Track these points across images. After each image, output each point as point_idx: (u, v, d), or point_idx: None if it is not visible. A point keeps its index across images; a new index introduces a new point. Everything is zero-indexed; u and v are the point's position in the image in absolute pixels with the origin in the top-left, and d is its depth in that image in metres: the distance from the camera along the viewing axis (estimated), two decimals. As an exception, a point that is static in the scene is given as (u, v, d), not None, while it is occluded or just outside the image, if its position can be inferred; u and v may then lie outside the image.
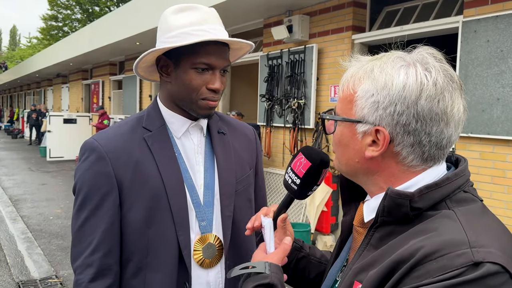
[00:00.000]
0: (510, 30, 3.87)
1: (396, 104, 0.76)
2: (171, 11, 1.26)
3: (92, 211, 1.21)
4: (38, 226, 6.46)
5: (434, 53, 0.81)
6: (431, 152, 0.79)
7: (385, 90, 0.77)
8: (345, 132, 0.85)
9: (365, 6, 5.74)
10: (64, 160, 13.90)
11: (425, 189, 0.76)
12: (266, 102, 6.67)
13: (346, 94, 0.85)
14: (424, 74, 0.77)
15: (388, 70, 0.78)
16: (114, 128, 1.31)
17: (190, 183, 1.29)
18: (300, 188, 1.02)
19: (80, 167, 1.24)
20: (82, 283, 1.18)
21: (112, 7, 29.28)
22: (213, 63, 1.22)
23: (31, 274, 4.69)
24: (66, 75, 19.02)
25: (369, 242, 0.80)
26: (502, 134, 3.92)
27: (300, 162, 1.01)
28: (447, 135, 0.78)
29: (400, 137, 0.78)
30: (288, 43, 6.35)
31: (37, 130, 18.81)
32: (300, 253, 1.15)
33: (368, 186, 0.87)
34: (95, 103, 14.88)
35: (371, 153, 0.81)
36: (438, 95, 0.76)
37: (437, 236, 0.69)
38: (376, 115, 0.78)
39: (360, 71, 0.83)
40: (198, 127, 1.35)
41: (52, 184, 9.77)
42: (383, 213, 0.78)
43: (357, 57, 0.87)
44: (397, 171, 0.81)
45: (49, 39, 33.22)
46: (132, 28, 9.17)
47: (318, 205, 5.41)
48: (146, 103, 11.48)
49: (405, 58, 0.80)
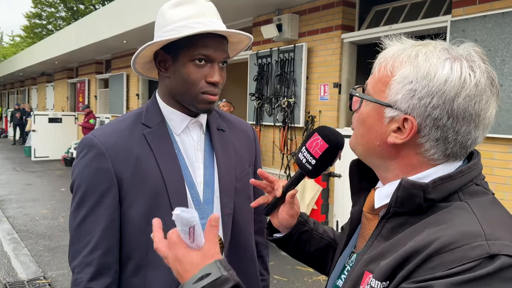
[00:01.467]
0: (497, 30, 3.93)
1: (433, 97, 0.74)
2: (168, 6, 1.24)
3: (91, 208, 1.18)
4: (25, 226, 6.35)
5: (481, 52, 0.79)
6: (454, 149, 0.78)
7: (425, 80, 0.75)
8: (372, 113, 0.82)
9: (354, 5, 5.78)
10: (49, 160, 13.69)
11: (439, 180, 0.75)
12: (255, 101, 6.67)
13: (382, 75, 0.81)
14: (469, 72, 0.75)
15: (434, 60, 0.75)
16: (112, 124, 1.28)
17: (190, 180, 1.27)
18: (315, 168, 1.02)
19: (78, 164, 1.21)
20: (81, 282, 1.16)
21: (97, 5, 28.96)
22: (211, 55, 1.20)
23: (19, 275, 4.61)
24: (51, 73, 18.75)
25: (380, 233, 0.80)
26: (489, 132, 3.97)
27: (316, 143, 1.01)
28: (473, 136, 0.78)
29: (428, 130, 0.76)
30: (278, 42, 6.36)
31: (21, 130, 18.51)
32: (304, 227, 1.15)
33: (381, 172, 0.86)
34: (81, 102, 14.70)
35: (394, 139, 0.79)
36: (477, 96, 0.74)
37: (453, 227, 0.69)
38: (409, 103, 0.76)
39: (403, 54, 0.80)
40: (198, 123, 1.33)
41: (37, 184, 9.62)
42: (396, 203, 0.77)
43: (401, 38, 0.84)
44: (415, 161, 0.80)
45: (33, 37, 32.70)
46: (119, 26, 9.08)
47: (309, 203, 5.43)
48: (133, 102, 11.38)
49: (450, 50, 0.77)
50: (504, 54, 3.89)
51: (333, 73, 5.69)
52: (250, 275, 1.39)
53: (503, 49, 3.89)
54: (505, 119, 3.88)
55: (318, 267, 1.21)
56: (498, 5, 3.96)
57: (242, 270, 1.35)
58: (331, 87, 5.71)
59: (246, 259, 1.38)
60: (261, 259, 1.54)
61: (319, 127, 1.05)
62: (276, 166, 6.48)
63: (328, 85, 5.74)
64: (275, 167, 6.51)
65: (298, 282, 4.49)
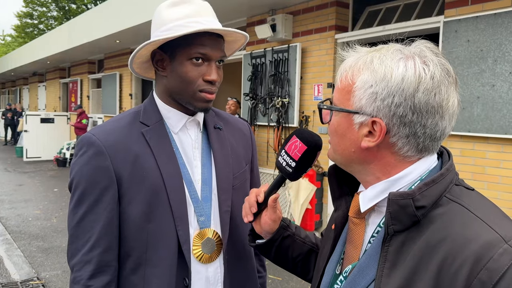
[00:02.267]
0: (489, 30, 3.97)
1: (394, 96, 0.77)
2: (165, 6, 1.25)
3: (91, 206, 1.18)
4: (17, 227, 6.30)
5: (432, 47, 0.82)
6: (425, 143, 0.81)
7: (384, 81, 0.78)
8: (342, 122, 0.85)
9: (348, 6, 5.81)
10: (42, 160, 13.60)
11: (424, 186, 0.77)
12: (249, 101, 6.68)
13: (344, 84, 0.85)
14: (422, 67, 0.78)
15: (388, 62, 0.79)
16: (111, 122, 1.29)
17: (188, 178, 1.28)
18: (295, 170, 1.04)
19: (77, 162, 1.22)
20: (81, 280, 1.16)
21: (89, 4, 28.79)
22: (208, 53, 1.21)
23: (12, 276, 4.58)
24: (43, 73, 18.61)
25: (386, 259, 0.79)
26: (482, 131, 4.03)
27: (295, 146, 1.03)
28: (441, 127, 0.80)
29: (396, 128, 0.79)
30: (272, 42, 6.37)
31: (13, 130, 18.36)
32: (286, 231, 1.16)
33: (363, 176, 0.88)
34: (73, 102, 14.60)
35: (367, 143, 0.82)
36: (435, 88, 0.77)
37: (471, 242, 0.70)
38: (373, 106, 0.79)
39: (359, 62, 0.83)
40: (195, 122, 1.34)
41: (29, 185, 9.55)
42: (391, 221, 0.78)
43: (356, 48, 0.88)
44: (392, 160, 0.83)
45: (24, 37, 32.44)
46: (112, 26, 9.04)
47: (303, 203, 5.45)
48: (127, 102, 11.34)
49: (403, 50, 0.81)
50: (496, 54, 3.93)
51: (327, 73, 5.72)
52: (249, 271, 1.40)
53: (495, 49, 3.94)
54: (497, 119, 3.92)
55: (301, 273, 1.21)
56: (490, 6, 4.01)
57: (241, 267, 1.37)
58: (325, 87, 5.73)
59: (245, 255, 1.39)
60: (258, 257, 1.55)
61: (297, 129, 1.07)
62: (271, 166, 6.49)
63: (322, 85, 5.76)
64: (269, 167, 6.53)
65: (293, 282, 4.50)
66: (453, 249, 0.71)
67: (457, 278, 0.69)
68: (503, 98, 3.89)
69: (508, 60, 3.86)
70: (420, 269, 0.74)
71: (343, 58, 0.88)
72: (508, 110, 3.86)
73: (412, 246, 0.76)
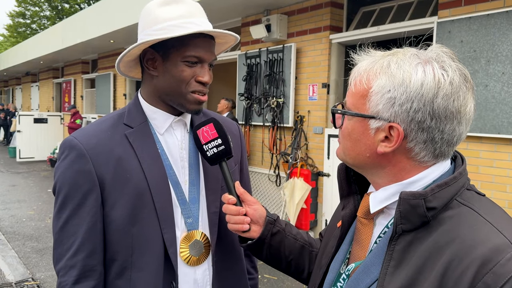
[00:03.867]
0: (482, 31, 4.01)
1: (413, 101, 0.77)
2: (157, 4, 1.23)
3: (74, 210, 1.17)
4: (11, 228, 6.27)
5: (448, 51, 0.81)
6: (442, 148, 0.80)
7: (402, 86, 0.77)
8: (357, 127, 0.84)
9: (342, 6, 5.83)
10: (35, 160, 13.51)
11: (437, 188, 0.77)
12: (244, 101, 6.68)
13: (359, 89, 0.84)
14: (441, 72, 0.77)
15: (406, 67, 0.78)
16: (93, 125, 1.27)
17: (174, 180, 1.26)
18: (225, 143, 1.21)
19: (60, 166, 1.20)
20: (66, 285, 1.15)
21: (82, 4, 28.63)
22: (202, 56, 1.21)
23: (6, 277, 4.55)
24: (36, 73, 18.48)
25: (391, 257, 0.79)
26: (475, 131, 4.07)
27: (206, 132, 1.23)
28: (458, 132, 0.80)
29: (414, 134, 0.79)
30: (267, 42, 6.38)
31: (5, 130, 18.22)
32: (275, 227, 1.15)
33: (374, 178, 0.88)
34: (67, 102, 14.51)
35: (384, 149, 0.81)
36: (454, 94, 0.77)
37: (480, 245, 0.70)
38: (391, 111, 0.79)
39: (375, 65, 0.82)
40: (182, 122, 1.32)
41: (23, 186, 9.49)
42: (401, 220, 0.77)
43: (369, 51, 0.87)
44: (407, 165, 0.82)
45: (17, 37, 32.19)
46: (106, 26, 9.00)
47: (298, 202, 5.47)
48: (121, 102, 11.29)
49: (420, 55, 0.80)
50: (489, 55, 3.97)
51: (321, 73, 5.74)
52: (237, 273, 1.38)
53: (488, 50, 3.98)
54: (491, 119, 3.96)
55: (295, 272, 1.20)
56: (483, 7, 4.05)
57: (229, 268, 1.34)
58: (319, 87, 5.75)
59: (234, 257, 1.37)
60: (249, 258, 1.54)
61: (194, 128, 1.26)
62: (266, 166, 6.51)
63: (317, 85, 5.79)
64: (264, 166, 6.54)
65: (288, 281, 4.51)
66: (460, 251, 0.71)
67: (462, 279, 0.69)
68: (496, 98, 3.93)
69: (501, 60, 3.90)
70: (425, 268, 0.74)
71: (355, 62, 0.87)
72: (501, 110, 3.90)
73: (419, 247, 0.76)
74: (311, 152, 5.89)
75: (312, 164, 5.81)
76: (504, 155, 3.97)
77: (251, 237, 1.15)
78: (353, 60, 0.89)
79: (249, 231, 1.15)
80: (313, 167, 5.79)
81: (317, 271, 1.03)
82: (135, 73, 1.39)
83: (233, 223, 1.15)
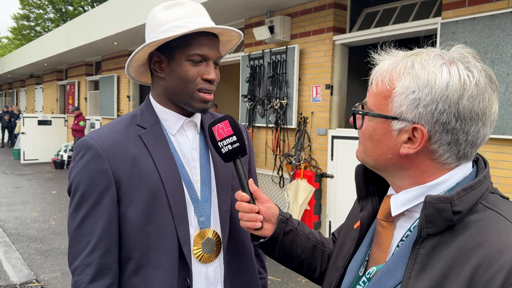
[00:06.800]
0: (486, 32, 4.00)
1: (438, 103, 0.75)
2: (160, 8, 1.27)
3: (90, 209, 1.19)
4: (16, 230, 6.29)
5: (472, 52, 0.80)
6: (466, 150, 0.79)
7: (427, 87, 0.76)
8: (378, 128, 0.83)
9: (345, 7, 5.83)
10: (39, 162, 13.56)
11: (462, 191, 0.76)
12: (248, 103, 6.69)
13: (381, 89, 0.82)
14: (467, 73, 0.76)
15: (430, 68, 0.77)
16: (107, 126, 1.30)
17: (187, 179, 1.29)
18: (240, 140, 1.18)
19: (76, 166, 1.22)
20: (82, 283, 1.16)
21: (86, 6, 28.74)
22: (206, 54, 1.23)
23: (11, 278, 4.57)
24: (40, 75, 18.56)
25: (415, 261, 0.78)
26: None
27: (221, 128, 1.20)
28: (482, 134, 0.79)
29: (438, 136, 0.77)
30: (270, 44, 6.38)
31: (10, 132, 18.30)
32: (287, 226, 1.14)
33: (396, 180, 0.86)
34: (71, 104, 14.57)
35: (407, 150, 0.80)
36: (480, 95, 0.76)
37: (507, 250, 0.69)
38: (415, 112, 0.77)
39: (398, 66, 0.81)
40: (192, 123, 1.35)
41: (27, 187, 9.52)
42: (426, 223, 0.76)
43: (390, 51, 0.85)
44: (430, 167, 0.81)
45: (21, 39, 32.35)
46: (109, 28, 9.04)
47: (301, 204, 5.46)
48: (124, 104, 11.32)
49: (444, 56, 0.79)
50: (493, 55, 3.96)
51: (325, 74, 5.73)
52: (250, 272, 1.40)
53: (492, 50, 3.96)
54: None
55: (307, 271, 1.19)
56: (487, 7, 4.03)
57: (241, 267, 1.37)
58: (323, 88, 5.75)
59: (245, 256, 1.40)
60: (258, 258, 1.56)
61: (209, 125, 1.22)
62: (269, 167, 6.50)
63: (320, 87, 5.78)
64: (267, 168, 6.54)
65: (292, 283, 4.51)
66: (489, 255, 0.70)
67: (491, 284, 0.67)
68: (500, 99, 3.91)
69: (505, 61, 3.88)
70: (451, 273, 0.72)
71: (376, 62, 0.86)
72: (506, 111, 3.88)
73: (444, 251, 0.75)
74: (314, 153, 5.88)
75: (316, 166, 5.80)
76: (509, 156, 3.95)
77: (263, 235, 1.15)
78: (373, 60, 0.87)
79: (262, 229, 1.13)
80: (316, 168, 5.78)
81: (332, 272, 1.02)
82: (146, 79, 1.41)
83: (245, 221, 1.14)
